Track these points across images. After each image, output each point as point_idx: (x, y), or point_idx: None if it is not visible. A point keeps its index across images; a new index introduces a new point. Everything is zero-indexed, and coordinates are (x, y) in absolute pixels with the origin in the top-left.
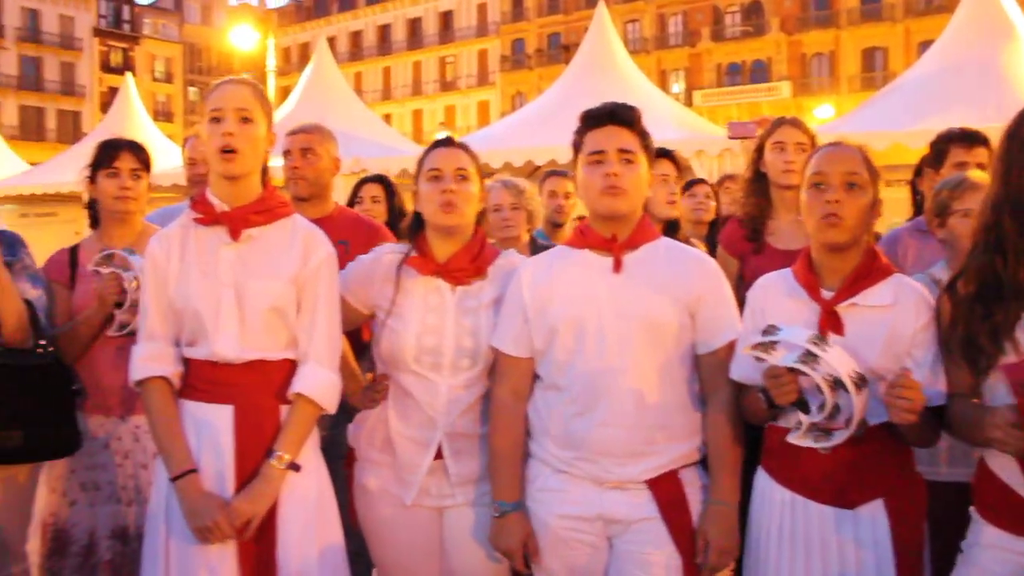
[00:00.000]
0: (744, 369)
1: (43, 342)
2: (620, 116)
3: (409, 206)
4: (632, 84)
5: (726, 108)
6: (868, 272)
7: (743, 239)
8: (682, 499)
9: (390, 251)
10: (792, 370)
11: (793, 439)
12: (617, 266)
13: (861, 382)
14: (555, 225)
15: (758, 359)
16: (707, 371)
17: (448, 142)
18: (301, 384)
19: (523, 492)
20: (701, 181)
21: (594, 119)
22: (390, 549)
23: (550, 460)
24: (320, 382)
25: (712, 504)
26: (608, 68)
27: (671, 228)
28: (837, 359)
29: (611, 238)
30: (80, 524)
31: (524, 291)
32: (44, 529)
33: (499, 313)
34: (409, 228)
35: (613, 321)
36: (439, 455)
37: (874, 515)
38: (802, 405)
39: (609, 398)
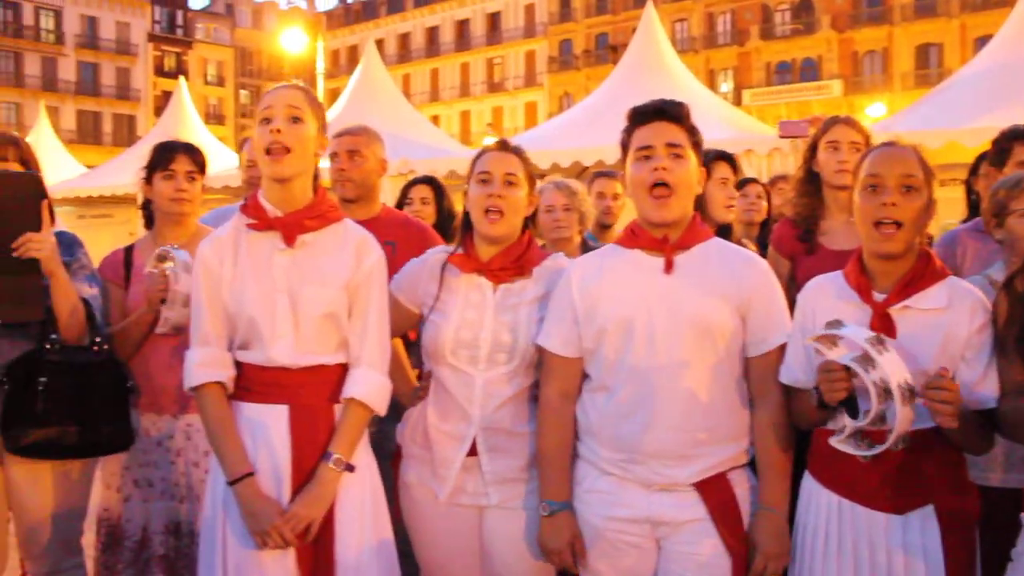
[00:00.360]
0: (794, 373)
1: (99, 340)
2: (668, 112)
3: (458, 207)
4: (680, 84)
5: (775, 107)
6: (922, 275)
7: (795, 239)
8: (732, 501)
9: (438, 251)
10: (847, 369)
11: (835, 442)
12: (668, 267)
13: (909, 395)
14: (604, 227)
15: (817, 351)
16: (756, 374)
17: (502, 146)
18: (353, 388)
19: (571, 493)
20: (753, 181)
21: (642, 115)
22: (431, 546)
23: (598, 462)
24: (372, 386)
25: (761, 510)
26: (656, 68)
27: (724, 232)
28: (892, 365)
29: (662, 239)
30: (134, 519)
31: (573, 290)
32: (99, 523)
33: (546, 312)
34: (460, 226)
35: (663, 322)
36: (474, 452)
37: (924, 521)
38: (851, 408)
39: (658, 400)
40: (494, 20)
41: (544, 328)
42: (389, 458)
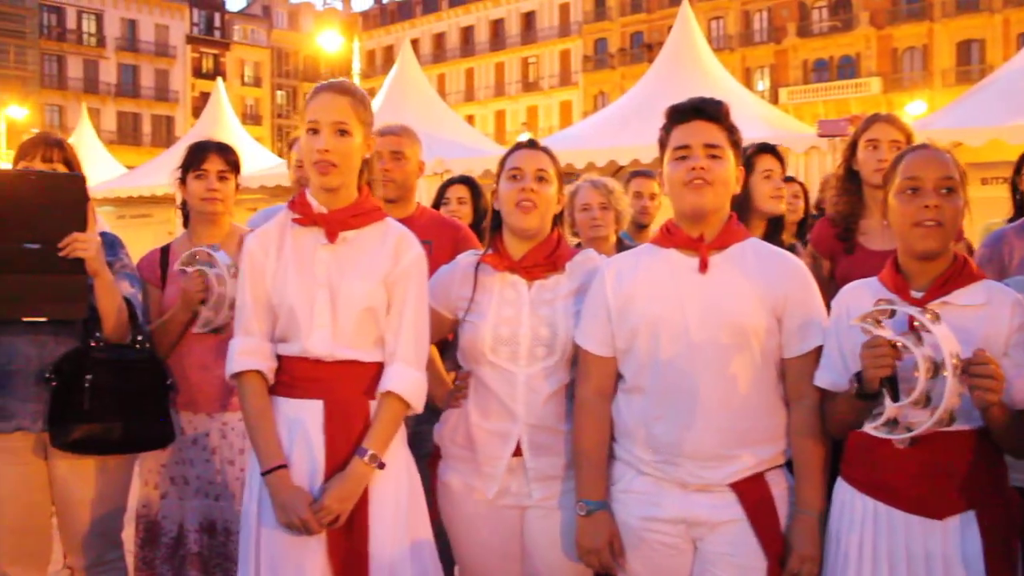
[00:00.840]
0: (830, 375)
1: (140, 338)
2: (706, 111)
3: None
4: (716, 82)
5: (812, 105)
6: (959, 274)
7: (834, 238)
8: (769, 501)
9: (468, 256)
10: (893, 346)
11: (870, 427)
12: (703, 266)
13: (961, 367)
14: (640, 226)
15: (864, 331)
16: (792, 376)
17: (530, 144)
18: (389, 383)
19: (607, 492)
20: (790, 180)
21: (680, 114)
22: (471, 547)
23: (634, 462)
24: (408, 381)
25: (798, 512)
26: (692, 66)
27: (775, 225)
28: (945, 338)
29: (698, 238)
30: (170, 516)
31: (608, 289)
32: (137, 519)
33: (582, 309)
34: (489, 226)
35: (697, 322)
36: (518, 452)
37: (964, 527)
38: (892, 389)
39: (692, 400)
40: (529, 19)
41: (580, 327)
42: (425, 458)
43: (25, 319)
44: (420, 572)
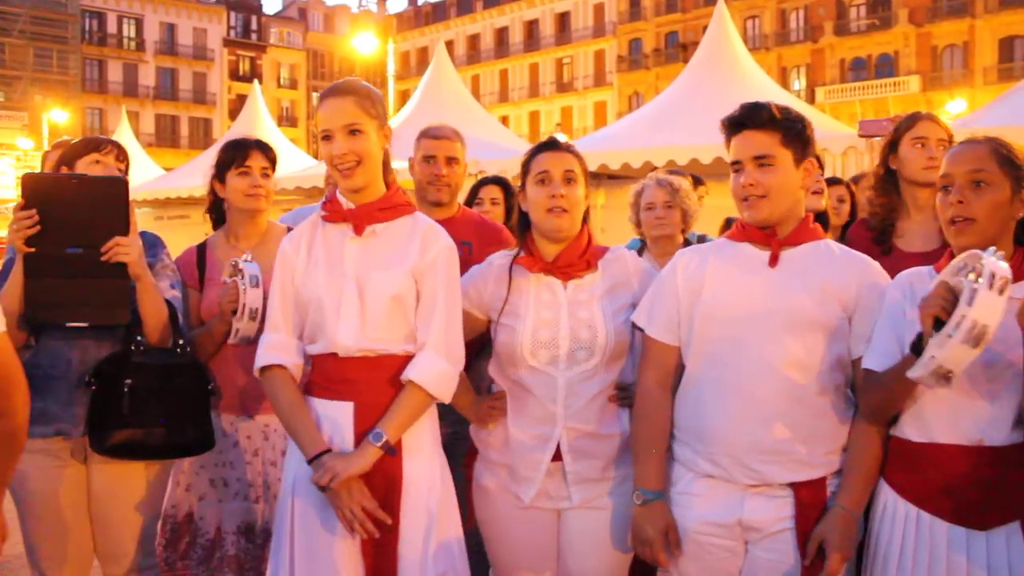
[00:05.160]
0: (880, 358)
1: (182, 342)
2: (750, 121)
3: None
4: (752, 82)
5: (849, 105)
6: (1018, 268)
7: (870, 241)
8: (821, 508)
9: (500, 256)
10: (951, 291)
11: (913, 373)
12: (774, 260)
13: (1001, 285)
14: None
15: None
16: (861, 375)
17: (554, 144)
18: (413, 371)
19: (665, 484)
20: (836, 181)
21: (728, 126)
22: (507, 549)
23: (691, 462)
24: (433, 370)
25: (838, 508)
26: (727, 66)
27: (818, 221)
28: (995, 265)
29: (770, 232)
30: (207, 518)
31: (678, 276)
32: (164, 519)
33: (648, 296)
34: (517, 227)
35: (764, 316)
36: (557, 456)
37: (1009, 538)
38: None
39: (757, 394)
40: (563, 20)
41: (645, 313)
42: (462, 457)
43: (68, 324)
44: (449, 571)
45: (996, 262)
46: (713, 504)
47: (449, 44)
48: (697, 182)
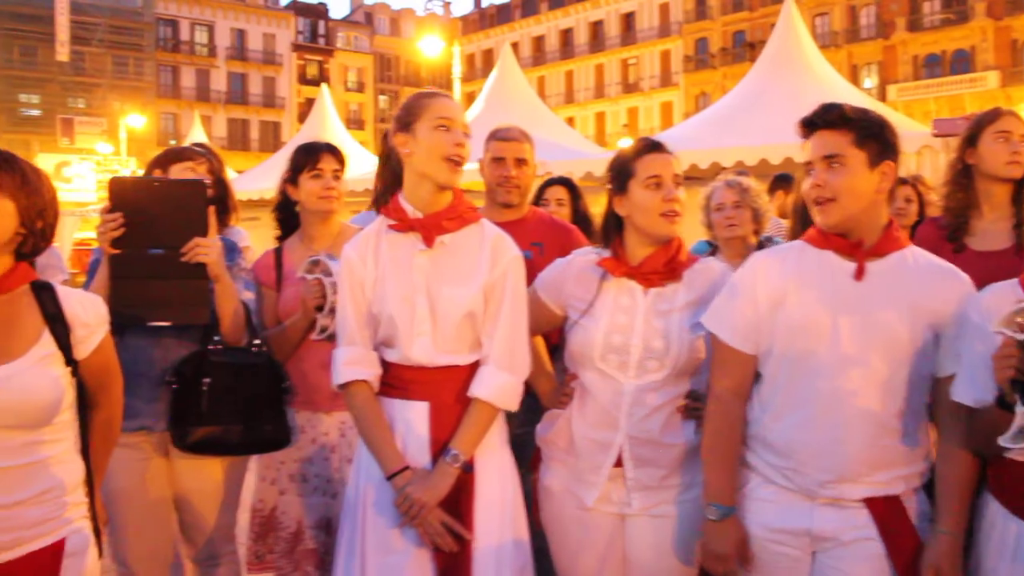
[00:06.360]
0: (971, 390)
1: (257, 341)
2: (822, 121)
3: (594, 209)
4: (821, 80)
5: (923, 102)
6: None
7: (941, 240)
8: (905, 523)
9: (584, 254)
10: (1021, 345)
11: (1004, 441)
12: (859, 273)
13: None
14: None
15: (1002, 336)
16: (945, 395)
17: (660, 146)
18: (480, 388)
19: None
20: (903, 182)
21: (804, 127)
22: (571, 551)
23: (762, 469)
24: (497, 385)
25: (944, 535)
26: (796, 65)
27: None
28: None
29: (856, 243)
30: (288, 513)
31: (758, 282)
32: (253, 514)
33: (723, 299)
34: (604, 229)
35: (847, 331)
36: (619, 463)
37: None
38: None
39: (834, 410)
40: (628, 20)
41: (718, 317)
42: (530, 459)
43: (150, 324)
44: (522, 569)
45: None
46: (782, 511)
47: (514, 46)
48: (786, 183)
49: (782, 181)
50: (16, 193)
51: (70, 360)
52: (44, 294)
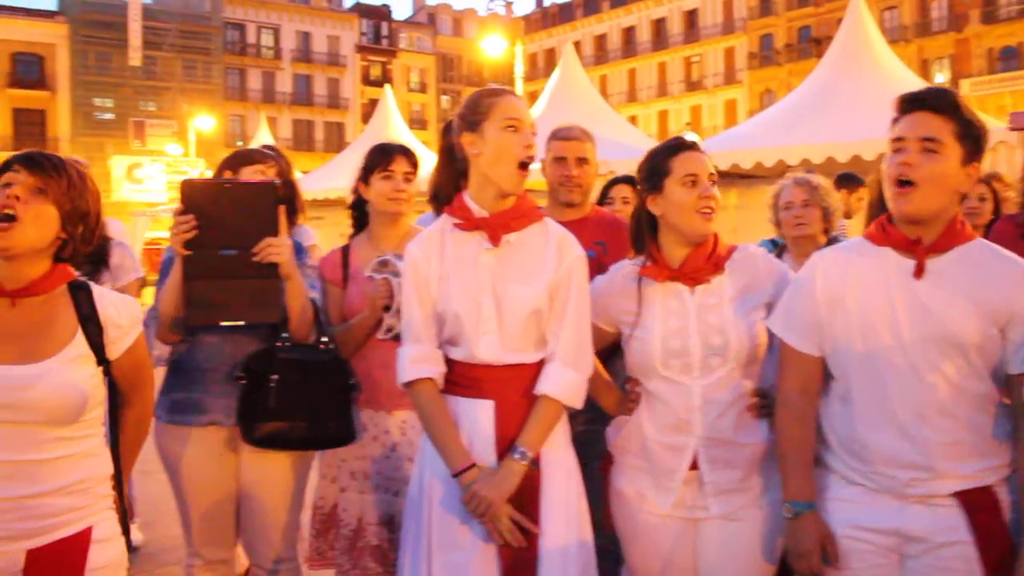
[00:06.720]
0: None
1: (325, 339)
2: (930, 101)
3: None
4: (891, 76)
5: (998, 96)
6: None
7: (1018, 237)
8: (998, 520)
9: (621, 267)
10: None
11: None
12: (919, 272)
13: None
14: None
15: None
16: (1018, 392)
17: (693, 144)
18: (546, 385)
19: (814, 493)
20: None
21: (903, 104)
22: (644, 556)
23: (842, 470)
24: (564, 382)
25: None
26: (864, 60)
27: None
28: None
29: (915, 239)
30: (349, 510)
31: (817, 282)
32: (314, 511)
33: (784, 300)
34: (636, 232)
35: (909, 328)
36: (694, 466)
37: None
38: None
39: (907, 413)
40: (691, 17)
41: (781, 319)
42: (598, 458)
43: (223, 323)
44: (587, 567)
45: None
46: (868, 510)
47: (576, 45)
48: (858, 183)
49: (846, 180)
50: (61, 199)
51: (102, 360)
52: (80, 295)
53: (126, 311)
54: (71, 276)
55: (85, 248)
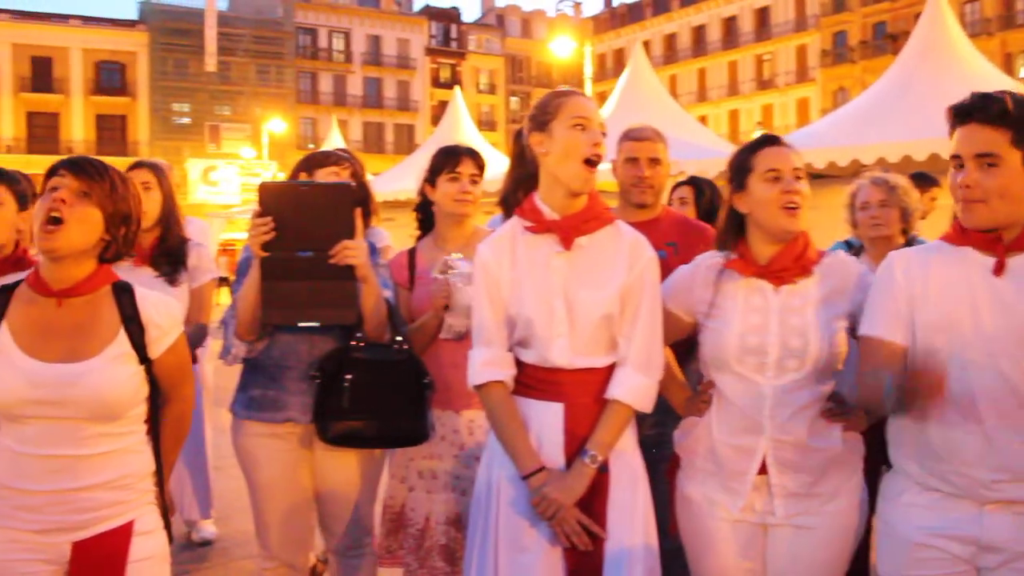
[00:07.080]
0: None
1: (399, 339)
2: (978, 112)
3: None
4: (972, 71)
5: None
6: None
7: None
8: None
9: (708, 257)
10: None
11: None
12: (999, 269)
13: None
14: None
15: None
16: None
17: (777, 139)
18: (617, 389)
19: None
20: None
21: (953, 116)
22: (711, 562)
23: (918, 475)
24: (634, 387)
25: None
26: (944, 55)
27: None
28: None
29: (995, 238)
30: (417, 509)
31: (897, 278)
32: (384, 510)
33: (867, 302)
34: (725, 230)
35: (990, 327)
36: (763, 470)
37: None
38: None
39: (987, 413)
40: (762, 15)
41: (867, 320)
42: (665, 461)
43: (300, 324)
44: (651, 571)
45: None
46: (944, 516)
47: (646, 44)
48: (931, 182)
49: (919, 179)
50: (104, 201)
51: (144, 359)
52: (123, 296)
53: (167, 312)
54: (115, 277)
55: (127, 250)
